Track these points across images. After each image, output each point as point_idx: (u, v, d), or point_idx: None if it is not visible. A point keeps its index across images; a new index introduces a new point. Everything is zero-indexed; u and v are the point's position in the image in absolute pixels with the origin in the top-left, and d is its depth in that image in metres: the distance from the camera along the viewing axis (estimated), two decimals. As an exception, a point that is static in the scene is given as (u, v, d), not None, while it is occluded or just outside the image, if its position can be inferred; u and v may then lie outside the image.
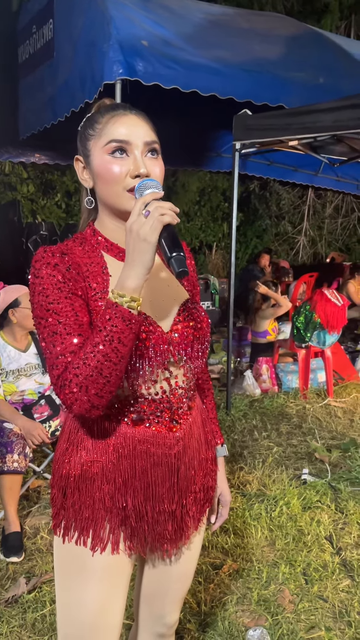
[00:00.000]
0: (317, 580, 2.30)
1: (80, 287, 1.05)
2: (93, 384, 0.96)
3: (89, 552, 1.11)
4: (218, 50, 4.15)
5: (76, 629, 1.15)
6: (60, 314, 1.01)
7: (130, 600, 1.55)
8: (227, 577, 2.32)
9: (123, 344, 0.96)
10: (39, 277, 1.03)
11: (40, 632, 2.00)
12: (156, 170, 1.08)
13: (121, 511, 1.11)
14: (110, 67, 3.48)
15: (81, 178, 1.14)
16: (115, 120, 1.07)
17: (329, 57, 4.80)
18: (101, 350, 0.95)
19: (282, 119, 3.86)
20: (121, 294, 0.96)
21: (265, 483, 3.13)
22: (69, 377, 0.96)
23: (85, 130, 1.12)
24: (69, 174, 8.49)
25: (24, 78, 5.34)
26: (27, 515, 2.79)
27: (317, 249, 11.30)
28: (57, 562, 1.17)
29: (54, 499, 1.16)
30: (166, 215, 0.95)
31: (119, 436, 1.09)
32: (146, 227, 0.94)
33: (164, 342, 1.08)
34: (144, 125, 1.09)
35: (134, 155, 1.06)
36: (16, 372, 2.80)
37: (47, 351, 1.01)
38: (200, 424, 1.23)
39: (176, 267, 0.96)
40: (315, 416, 4.29)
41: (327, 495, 2.99)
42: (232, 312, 4.40)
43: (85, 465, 1.10)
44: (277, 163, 6.94)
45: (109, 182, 1.07)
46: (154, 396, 1.09)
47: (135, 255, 0.96)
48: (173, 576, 1.27)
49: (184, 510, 1.17)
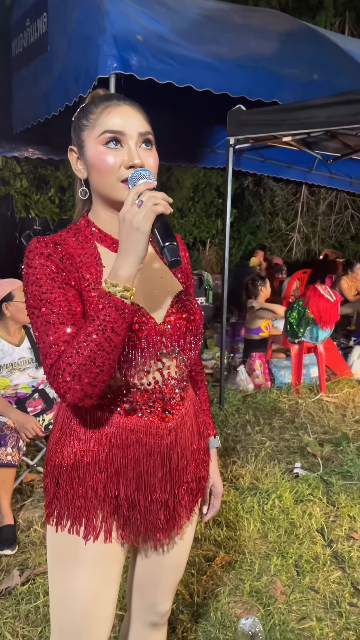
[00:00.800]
0: (309, 572, 2.33)
1: (74, 277, 1.05)
2: (86, 373, 0.96)
3: (82, 541, 1.12)
4: (213, 46, 4.15)
5: (69, 617, 1.16)
6: (54, 304, 1.01)
7: (122, 591, 1.56)
8: (220, 568, 2.34)
9: (116, 333, 0.96)
10: (32, 267, 1.03)
11: (33, 623, 2.01)
12: (150, 161, 1.08)
13: (113, 500, 1.12)
14: (104, 61, 3.48)
15: (75, 169, 1.14)
16: (110, 111, 1.07)
17: (323, 53, 4.81)
18: (94, 339, 0.95)
19: (277, 114, 3.87)
20: (114, 284, 0.96)
21: (257, 477, 3.15)
22: (62, 366, 0.97)
23: (79, 121, 1.11)
24: (63, 168, 8.48)
25: (17, 72, 5.32)
26: (20, 509, 2.79)
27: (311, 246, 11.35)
28: (50, 551, 1.18)
29: (46, 488, 1.16)
30: (159, 205, 0.95)
31: (112, 426, 1.10)
32: (139, 216, 0.94)
33: (157, 333, 1.09)
34: (138, 116, 1.09)
35: (128, 146, 1.06)
36: (10, 366, 2.80)
37: (41, 340, 1.01)
38: (193, 415, 1.24)
39: (169, 256, 0.96)
40: (307, 411, 4.32)
41: (319, 488, 3.02)
42: (225, 308, 4.42)
43: (78, 455, 1.11)
44: (271, 159, 6.96)
45: (103, 172, 1.07)
46: (146, 386, 1.10)
47: (128, 245, 0.96)
48: (165, 565, 1.28)
49: (177, 500, 1.18)
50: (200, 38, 4.14)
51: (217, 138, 6.65)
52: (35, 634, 1.96)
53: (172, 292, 1.17)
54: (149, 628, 1.36)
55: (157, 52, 3.69)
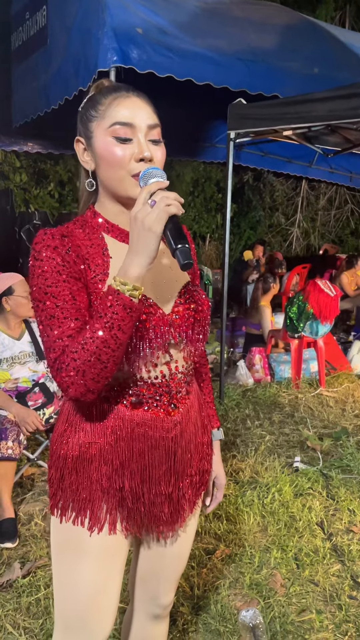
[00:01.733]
0: (308, 565, 2.34)
1: (79, 269, 1.05)
2: (90, 368, 0.97)
3: (86, 532, 1.13)
4: (213, 39, 4.13)
5: (72, 607, 1.17)
6: (58, 298, 1.01)
7: (124, 584, 1.57)
8: (220, 561, 2.35)
9: (122, 331, 0.97)
10: (38, 260, 1.03)
11: (34, 616, 2.02)
12: (158, 155, 1.08)
13: (118, 492, 1.12)
14: (104, 54, 3.46)
15: (82, 160, 1.13)
16: (119, 102, 1.07)
17: (324, 47, 4.79)
18: (100, 336, 0.96)
19: (277, 108, 3.86)
20: (124, 282, 0.96)
21: (257, 470, 3.16)
22: (67, 361, 0.97)
23: (87, 112, 1.10)
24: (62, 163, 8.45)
25: (17, 65, 5.29)
26: (21, 502, 2.80)
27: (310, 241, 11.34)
28: (54, 542, 1.19)
29: (51, 480, 1.16)
30: (172, 206, 0.95)
31: (117, 419, 1.10)
32: (152, 216, 0.94)
33: (165, 323, 1.09)
34: (146, 108, 1.09)
35: (138, 139, 1.06)
36: (10, 360, 2.80)
37: (45, 334, 1.01)
38: (197, 409, 1.24)
39: (181, 259, 0.96)
40: (307, 405, 4.33)
41: (318, 482, 3.03)
42: (225, 302, 4.42)
43: (83, 447, 1.11)
44: (271, 154, 6.93)
45: (112, 165, 1.06)
46: (153, 380, 1.10)
47: (139, 245, 0.96)
48: (168, 557, 1.28)
49: (180, 494, 1.18)
50: (200, 31, 4.11)
51: (217, 132, 6.62)
52: (36, 626, 1.97)
53: (180, 283, 1.17)
54: (151, 620, 1.37)
55: (157, 46, 3.67)
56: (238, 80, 4.03)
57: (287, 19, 5.15)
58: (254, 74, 4.15)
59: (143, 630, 1.39)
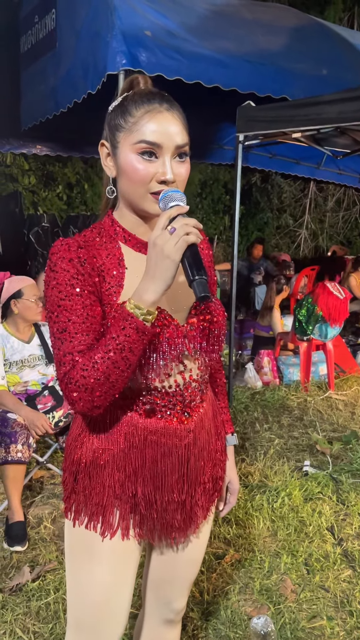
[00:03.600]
0: (319, 571, 2.32)
1: (94, 282, 1.05)
2: (99, 387, 0.98)
3: (99, 537, 1.13)
4: (222, 41, 4.12)
5: (85, 610, 1.17)
6: (71, 311, 1.01)
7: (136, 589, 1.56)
8: (230, 566, 2.34)
9: (133, 353, 0.98)
10: (53, 271, 1.03)
11: (44, 620, 2.02)
12: (182, 172, 1.06)
13: (131, 499, 1.12)
14: (113, 57, 3.46)
15: (104, 164, 1.12)
16: (150, 118, 1.03)
17: (332, 48, 4.77)
18: (112, 357, 0.97)
19: (286, 110, 3.84)
20: (138, 306, 0.97)
21: (267, 474, 3.15)
22: (76, 377, 0.98)
23: (117, 119, 1.07)
24: (70, 165, 8.48)
25: (26, 68, 5.31)
26: (30, 505, 2.80)
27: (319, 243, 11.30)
28: (68, 546, 1.19)
29: (65, 483, 1.17)
30: (192, 235, 0.95)
31: (131, 426, 1.10)
32: (170, 244, 0.94)
33: (179, 335, 1.08)
34: (178, 125, 1.05)
35: (163, 160, 1.03)
36: (19, 363, 2.80)
37: (56, 347, 1.02)
38: (211, 416, 1.24)
39: (198, 291, 0.95)
40: (316, 409, 4.30)
41: (328, 486, 3.01)
42: (234, 304, 4.40)
43: (96, 452, 1.12)
44: (279, 156, 6.92)
45: (134, 182, 1.05)
46: (167, 389, 1.10)
47: (157, 272, 0.96)
48: (181, 562, 1.28)
49: (193, 501, 1.18)
50: (208, 33, 4.11)
51: (225, 134, 6.62)
52: (46, 630, 1.96)
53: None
54: (164, 625, 1.37)
55: (165, 48, 3.67)
56: (246, 83, 4.03)
57: (295, 20, 5.14)
58: (263, 76, 4.14)
59: (155, 635, 1.39)
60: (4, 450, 2.50)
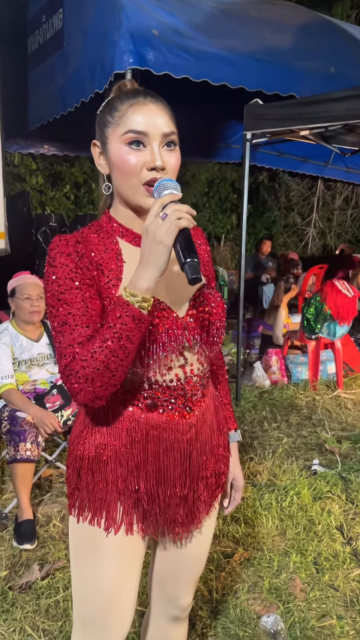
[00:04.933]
0: (328, 570, 2.31)
1: (93, 276, 1.07)
2: (99, 377, 0.98)
3: (103, 533, 1.13)
4: (229, 40, 4.12)
5: (90, 607, 1.18)
6: (71, 305, 1.03)
7: (142, 587, 1.56)
8: (238, 565, 2.34)
9: (131, 341, 0.98)
10: (52, 266, 1.05)
11: (54, 618, 2.02)
12: (172, 161, 1.08)
13: (133, 494, 1.13)
14: (120, 56, 3.47)
15: (97, 163, 1.14)
16: (135, 110, 1.06)
17: (340, 45, 4.75)
18: (109, 346, 0.97)
19: (294, 108, 3.83)
20: (133, 294, 0.97)
21: (275, 473, 3.14)
22: (76, 368, 0.99)
23: (104, 116, 1.11)
24: (78, 165, 8.50)
25: (33, 68, 5.33)
26: (39, 504, 2.81)
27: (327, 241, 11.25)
28: (72, 542, 1.20)
29: (69, 479, 1.18)
30: (183, 219, 0.96)
31: (132, 421, 1.11)
32: (162, 230, 0.95)
33: (179, 327, 1.09)
34: (163, 115, 1.08)
35: (151, 147, 1.06)
36: (28, 362, 2.81)
37: (57, 340, 1.04)
38: (213, 411, 1.24)
39: (189, 273, 0.96)
40: (325, 408, 4.29)
41: (337, 485, 3.00)
42: (242, 303, 4.39)
43: (99, 448, 1.12)
44: (286, 154, 6.90)
45: (124, 173, 1.07)
46: (168, 383, 1.11)
47: (150, 258, 0.97)
48: (185, 559, 1.28)
49: (196, 496, 1.18)
50: (216, 32, 4.11)
51: (232, 132, 6.60)
52: (55, 628, 1.97)
53: (194, 287, 1.17)
54: (170, 622, 1.37)
55: (173, 47, 3.67)
56: (254, 81, 4.02)
57: (303, 18, 5.12)
58: (270, 74, 4.13)
59: (162, 633, 1.39)
60: (13, 448, 2.52)
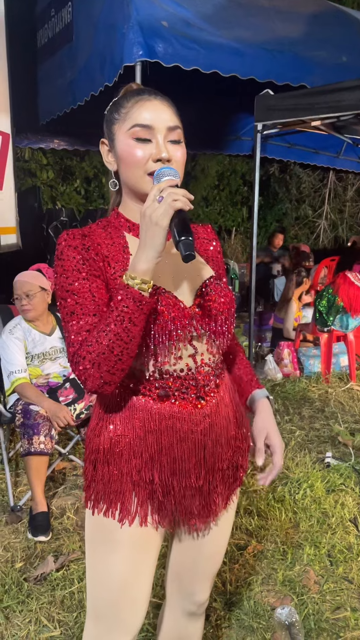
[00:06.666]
0: (342, 562, 2.31)
1: (99, 267, 1.09)
2: (105, 361, 1.00)
3: (117, 524, 1.14)
4: (239, 30, 4.07)
5: (104, 598, 1.18)
6: (78, 295, 1.06)
7: (156, 579, 1.57)
8: (252, 557, 2.34)
9: (134, 323, 1.00)
10: (60, 259, 1.08)
11: (69, 609, 2.04)
12: (177, 155, 1.11)
13: (148, 485, 1.13)
14: (130, 49, 3.45)
15: (106, 161, 1.18)
16: (140, 105, 1.10)
17: (351, 34, 4.69)
18: (113, 329, 0.99)
19: (305, 98, 3.79)
20: (132, 276, 0.99)
21: (288, 466, 3.13)
22: (83, 354, 1.01)
23: (111, 114, 1.15)
24: (88, 159, 8.49)
25: (43, 63, 5.32)
26: (53, 496, 2.83)
27: (338, 233, 11.15)
28: (88, 534, 1.20)
29: (85, 472, 1.19)
30: (178, 201, 0.98)
31: (146, 412, 1.12)
32: (158, 211, 0.98)
33: (186, 316, 1.10)
34: (167, 111, 1.12)
35: (157, 140, 1.09)
36: (41, 356, 2.83)
37: (66, 330, 1.06)
38: (229, 402, 1.23)
39: (183, 250, 0.99)
40: (337, 400, 4.27)
41: (351, 478, 2.99)
42: (253, 296, 4.38)
43: (113, 440, 1.13)
44: (297, 145, 6.83)
45: (131, 165, 1.10)
46: (179, 373, 1.11)
47: (147, 239, 0.99)
48: (202, 554, 1.28)
49: (211, 487, 1.18)
50: (225, 22, 4.07)
51: (242, 124, 6.56)
52: (70, 619, 1.99)
53: (202, 277, 1.19)
54: (186, 617, 1.37)
55: (182, 38, 3.64)
56: (265, 71, 3.98)
57: (313, 6, 5.04)
58: (281, 64, 4.08)
59: (178, 627, 1.39)
60: (27, 441, 2.53)
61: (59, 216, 6.83)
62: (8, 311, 3.15)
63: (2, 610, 2.03)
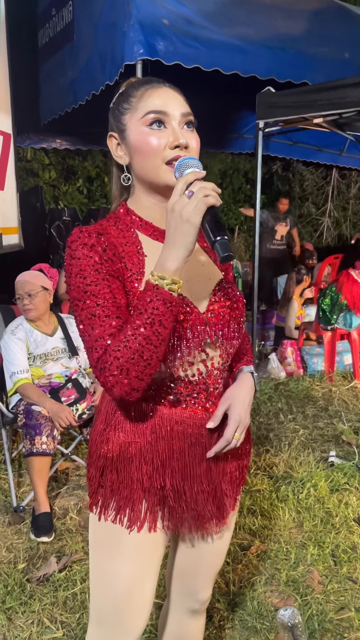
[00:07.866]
0: (346, 562, 2.29)
1: (117, 268, 1.04)
2: (134, 366, 0.95)
3: (125, 530, 1.12)
4: (240, 28, 4.06)
5: (107, 603, 1.17)
6: (98, 296, 1.00)
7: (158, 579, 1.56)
8: (255, 557, 2.33)
9: (164, 326, 0.95)
10: (75, 259, 1.02)
11: (71, 610, 2.04)
12: (193, 142, 1.07)
13: (159, 491, 1.12)
14: (130, 47, 3.45)
15: (116, 155, 1.12)
16: (151, 93, 1.07)
17: (354, 31, 4.66)
18: (142, 333, 0.94)
19: (307, 95, 3.78)
20: (162, 276, 0.94)
21: (291, 465, 3.12)
22: (110, 360, 0.96)
23: (120, 105, 1.10)
24: (90, 159, 8.49)
25: (44, 62, 5.32)
26: (56, 497, 2.83)
27: (342, 231, 11.12)
28: (92, 539, 1.19)
29: (90, 478, 1.17)
30: (210, 197, 0.93)
31: (156, 417, 1.10)
32: (189, 208, 0.92)
33: (201, 322, 1.07)
34: (178, 97, 1.09)
35: (172, 126, 1.05)
36: (43, 357, 2.82)
37: (86, 334, 1.00)
38: None
39: (221, 251, 0.94)
40: (341, 399, 4.25)
41: (355, 477, 2.97)
42: (256, 295, 4.36)
43: (123, 446, 1.11)
44: (300, 143, 6.82)
45: (147, 154, 1.05)
46: (190, 378, 1.09)
47: (177, 237, 0.94)
48: (207, 553, 1.27)
49: (222, 490, 1.18)
50: (226, 20, 4.05)
51: (245, 122, 6.54)
52: (73, 620, 1.98)
53: (213, 280, 1.15)
54: (188, 615, 1.37)
55: (183, 36, 3.63)
56: (266, 69, 3.96)
57: (315, 3, 5.01)
58: (283, 61, 4.07)
59: (180, 626, 1.39)
60: (29, 442, 2.53)
61: (62, 216, 6.83)
62: (10, 311, 3.15)
63: (5, 612, 2.02)
